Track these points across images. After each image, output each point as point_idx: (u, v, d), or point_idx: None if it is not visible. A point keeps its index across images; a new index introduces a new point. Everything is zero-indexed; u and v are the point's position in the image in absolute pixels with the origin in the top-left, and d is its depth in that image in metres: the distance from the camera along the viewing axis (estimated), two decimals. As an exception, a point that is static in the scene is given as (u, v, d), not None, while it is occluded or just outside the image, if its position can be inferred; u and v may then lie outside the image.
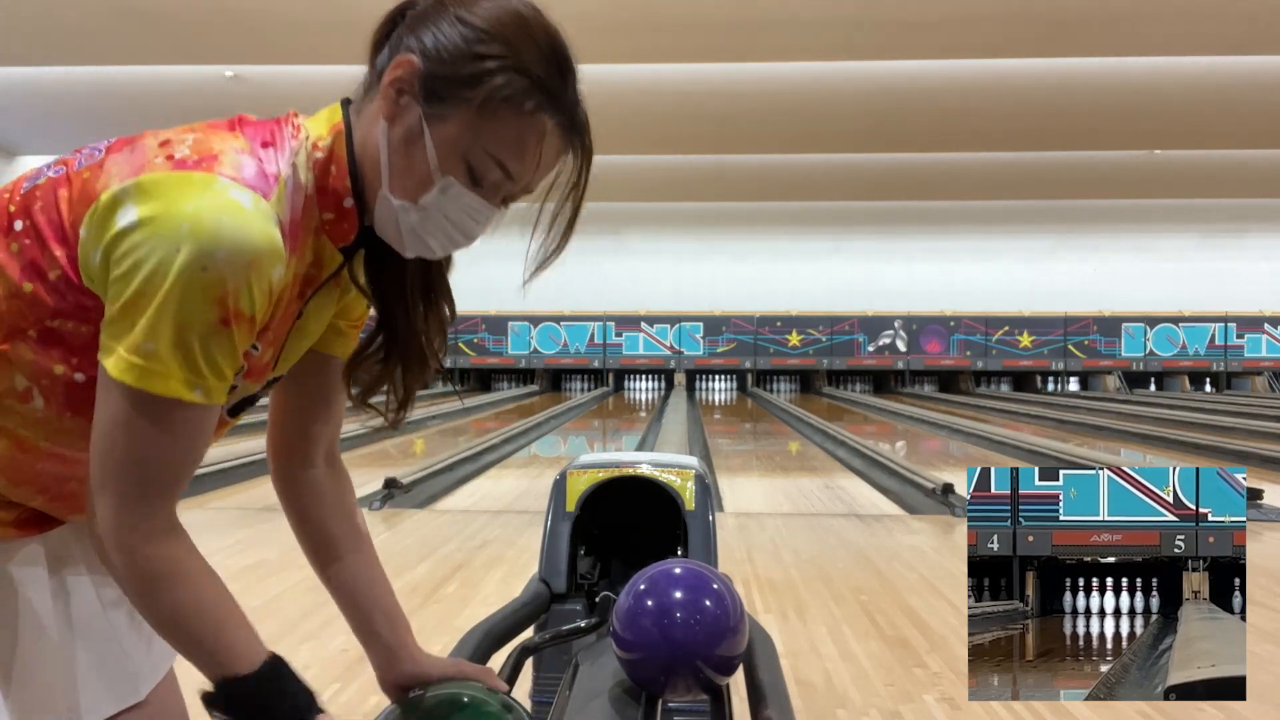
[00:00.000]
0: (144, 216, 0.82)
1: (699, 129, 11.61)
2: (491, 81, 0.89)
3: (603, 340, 18.69)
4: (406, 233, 0.95)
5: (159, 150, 0.86)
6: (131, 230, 0.82)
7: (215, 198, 0.83)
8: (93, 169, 0.87)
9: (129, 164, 0.86)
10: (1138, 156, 13.31)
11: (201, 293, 0.81)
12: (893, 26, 8.46)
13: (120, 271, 0.82)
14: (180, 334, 0.82)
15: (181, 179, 0.83)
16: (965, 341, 18.54)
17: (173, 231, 0.81)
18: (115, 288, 0.83)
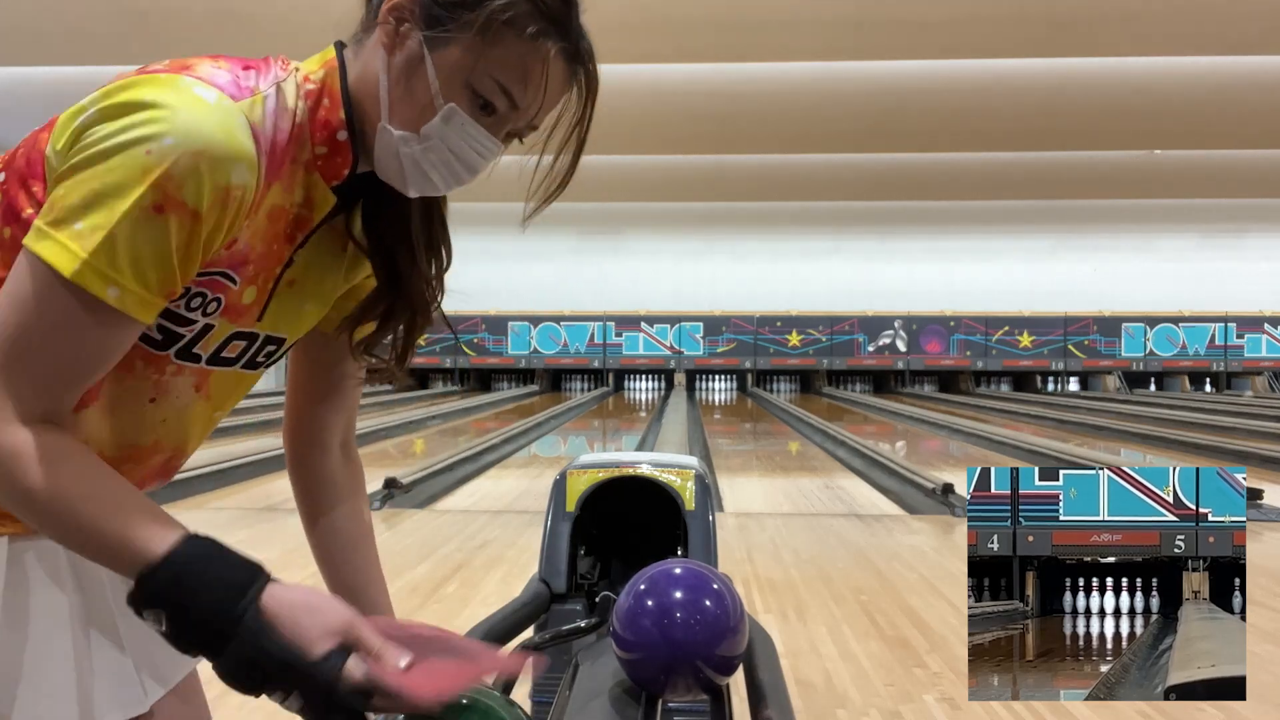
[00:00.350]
0: (101, 109, 0.79)
1: (699, 129, 11.62)
2: (493, 2, 0.86)
3: (603, 340, 18.69)
4: (409, 166, 0.92)
5: (149, 68, 0.84)
6: (89, 123, 0.78)
7: (175, 93, 0.79)
8: (78, 108, 0.85)
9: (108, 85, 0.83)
10: (1138, 156, 13.31)
11: (140, 171, 0.75)
12: (893, 26, 8.47)
13: (70, 162, 0.78)
14: (107, 212, 0.75)
15: (146, 78, 0.81)
16: (965, 341, 18.54)
17: (124, 120, 0.77)
18: (61, 169, 0.78)
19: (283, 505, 5.65)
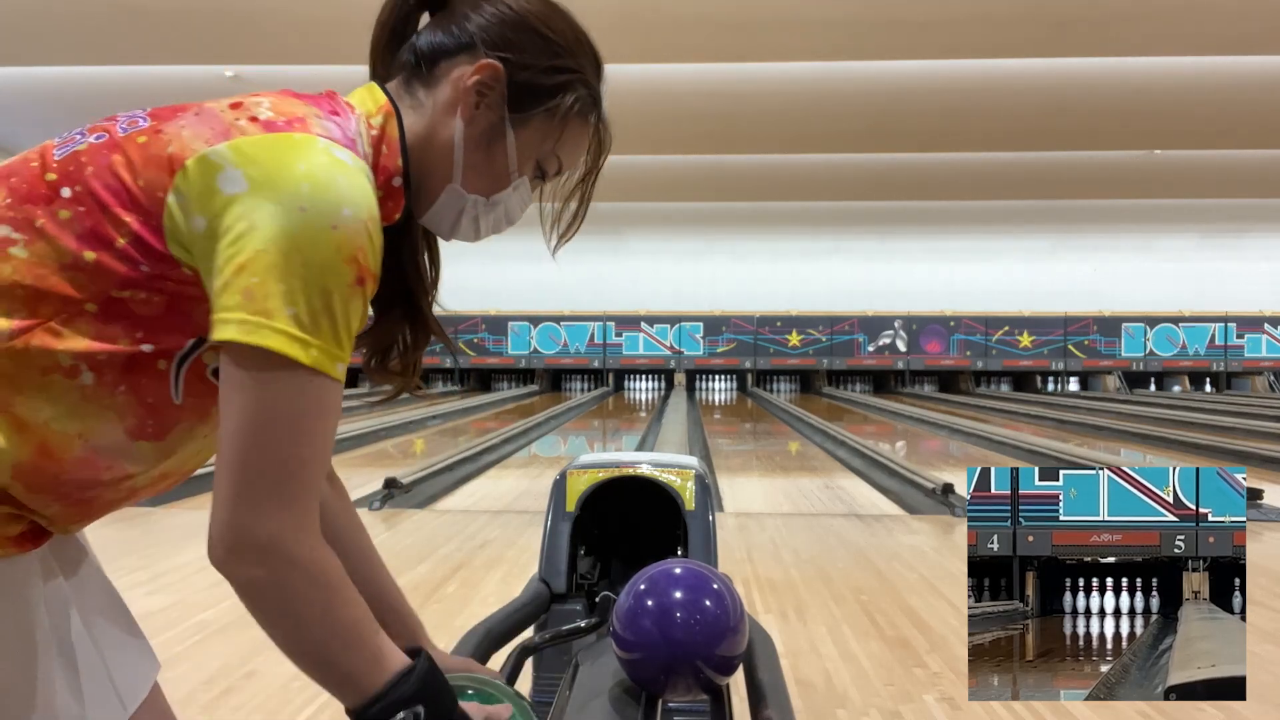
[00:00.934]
0: (254, 178, 0.78)
1: (699, 129, 11.61)
2: (570, 95, 0.97)
3: (603, 340, 18.70)
4: (467, 223, 0.99)
5: (234, 113, 0.84)
6: (243, 194, 0.78)
7: (323, 156, 0.81)
8: (149, 134, 0.83)
9: (205, 127, 0.82)
10: (1138, 156, 13.31)
11: (335, 251, 0.77)
12: (893, 26, 8.46)
13: (234, 236, 0.77)
14: (325, 298, 0.77)
15: (282, 140, 0.81)
16: (965, 341, 18.55)
17: (291, 192, 0.77)
18: (228, 252, 0.77)
19: (283, 505, 5.65)
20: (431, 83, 0.95)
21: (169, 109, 0.88)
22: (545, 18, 0.96)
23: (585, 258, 19.30)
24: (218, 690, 2.62)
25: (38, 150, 0.88)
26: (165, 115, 0.86)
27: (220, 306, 0.77)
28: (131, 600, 1.10)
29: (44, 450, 0.82)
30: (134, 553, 4.21)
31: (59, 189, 0.82)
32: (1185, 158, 13.45)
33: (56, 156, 0.84)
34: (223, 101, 0.87)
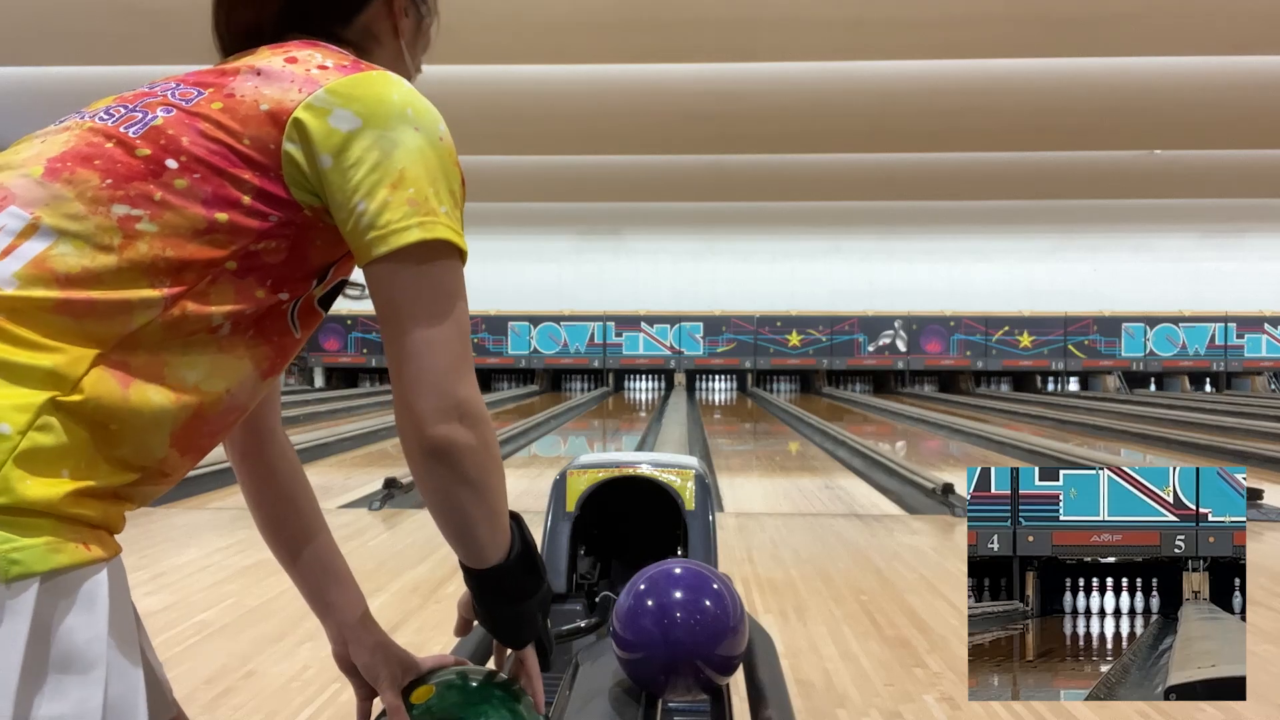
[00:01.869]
0: (363, 114, 0.87)
1: (699, 129, 11.60)
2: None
3: (603, 340, 18.69)
4: None
5: (300, 67, 0.91)
6: (361, 129, 0.87)
7: (402, 85, 0.92)
8: (222, 99, 0.88)
9: (288, 82, 0.89)
10: (1138, 156, 13.30)
11: (449, 156, 0.92)
12: (893, 26, 8.45)
13: (371, 163, 0.86)
14: (454, 196, 0.91)
15: (366, 78, 0.91)
16: (965, 341, 18.54)
17: (402, 117, 0.89)
18: (373, 177, 0.86)
19: (283, 505, 5.65)
20: (354, 29, 1.03)
21: (207, 74, 0.93)
22: None
23: (585, 258, 19.31)
24: (218, 690, 2.62)
25: (88, 131, 0.89)
26: (217, 81, 0.91)
27: (386, 222, 0.86)
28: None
29: (199, 412, 0.87)
30: (134, 553, 4.20)
31: (162, 161, 0.85)
32: (1185, 158, 13.44)
33: (135, 132, 0.87)
34: (272, 59, 0.92)
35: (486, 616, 1.04)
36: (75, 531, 0.77)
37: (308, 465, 7.24)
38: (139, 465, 0.83)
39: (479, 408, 0.91)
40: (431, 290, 0.88)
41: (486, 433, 0.92)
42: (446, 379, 0.89)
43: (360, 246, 0.87)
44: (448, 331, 0.89)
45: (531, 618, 1.02)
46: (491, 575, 1.00)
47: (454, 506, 0.94)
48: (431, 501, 0.94)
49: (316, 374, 18.96)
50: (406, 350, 0.88)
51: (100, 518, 0.80)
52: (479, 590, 1.03)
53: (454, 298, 0.90)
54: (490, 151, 13.09)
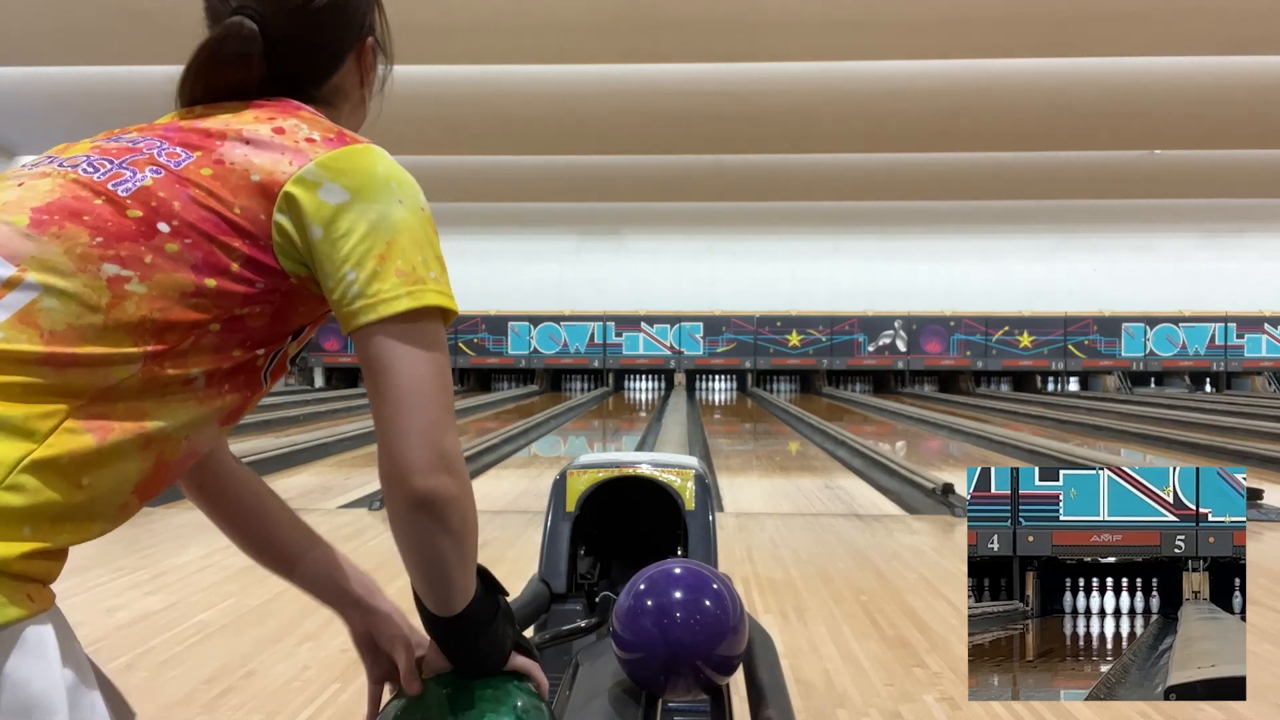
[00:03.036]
0: (353, 187, 0.92)
1: (699, 129, 11.61)
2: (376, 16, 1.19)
3: (603, 340, 18.69)
4: None
5: (294, 134, 0.95)
6: (350, 202, 0.91)
7: (384, 157, 0.97)
8: (211, 165, 0.91)
9: (277, 153, 0.93)
10: (1138, 156, 13.30)
11: (429, 224, 0.97)
12: (893, 26, 8.46)
13: (358, 236, 0.91)
14: (439, 260, 0.96)
15: (355, 152, 0.96)
16: (965, 341, 18.54)
17: (387, 191, 0.94)
18: (358, 250, 0.91)
19: (283, 505, 5.65)
20: (326, 89, 1.09)
21: (190, 134, 0.95)
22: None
23: (585, 258, 19.31)
24: (218, 690, 2.62)
25: (74, 184, 0.89)
26: (204, 144, 0.93)
27: (375, 291, 0.90)
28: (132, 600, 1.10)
29: (160, 460, 0.89)
30: (134, 553, 4.20)
31: (154, 224, 0.88)
32: (1185, 158, 13.45)
33: (123, 193, 0.89)
34: (259, 127, 0.95)
35: (454, 658, 1.04)
36: (19, 587, 0.77)
37: (308, 465, 7.28)
38: (101, 514, 0.85)
39: (461, 458, 0.95)
40: (418, 348, 0.92)
41: (467, 483, 0.95)
42: (434, 430, 0.91)
43: (349, 313, 0.91)
44: (434, 385, 0.92)
45: (497, 645, 1.03)
46: (457, 620, 1.00)
47: (435, 557, 0.95)
48: (412, 551, 0.96)
49: (316, 374, 18.96)
50: (394, 405, 0.91)
51: (44, 573, 0.80)
52: (445, 635, 1.02)
53: (439, 355, 0.94)
54: (490, 151, 13.09)
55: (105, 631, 3.10)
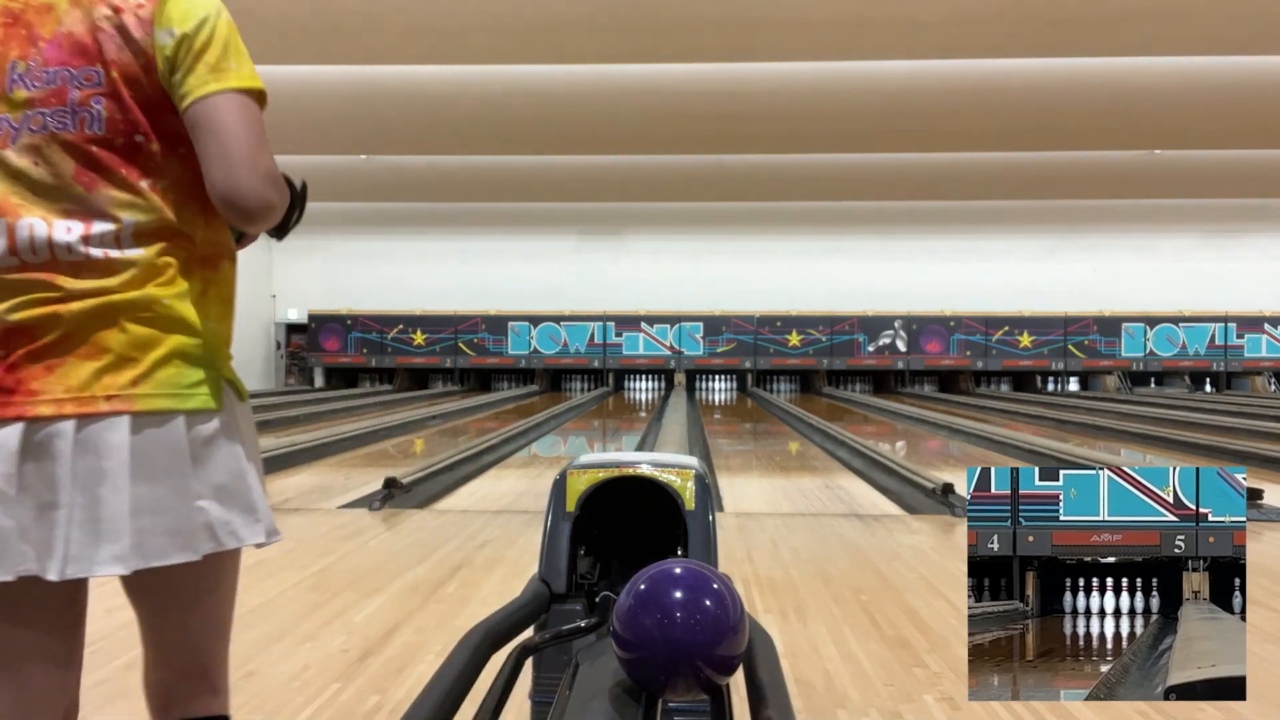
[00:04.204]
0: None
1: (699, 129, 11.60)
2: None
3: (603, 340, 18.69)
4: None
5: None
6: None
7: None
8: None
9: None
10: (1138, 156, 13.30)
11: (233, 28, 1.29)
12: (893, 26, 8.46)
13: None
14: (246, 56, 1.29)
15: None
16: (965, 341, 18.54)
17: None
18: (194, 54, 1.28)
19: (283, 505, 5.65)
20: None
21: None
22: None
23: (585, 258, 19.31)
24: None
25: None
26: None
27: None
28: (131, 600, 1.10)
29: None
30: (134, 553, 4.20)
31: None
32: (1185, 158, 13.45)
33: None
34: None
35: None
36: (235, 387, 1.30)
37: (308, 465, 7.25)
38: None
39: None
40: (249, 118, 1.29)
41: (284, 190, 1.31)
42: (263, 161, 1.25)
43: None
44: (264, 145, 1.25)
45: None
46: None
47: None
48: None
49: (316, 374, 18.95)
50: (251, 156, 1.24)
51: (238, 382, 1.34)
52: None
53: (255, 116, 1.29)
54: (490, 151, 13.09)
55: (105, 631, 3.10)
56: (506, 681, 1.15)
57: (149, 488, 1.14)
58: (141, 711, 1.50)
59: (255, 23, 8.19)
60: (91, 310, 1.15)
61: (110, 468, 1.12)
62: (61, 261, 1.16)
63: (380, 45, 8.60)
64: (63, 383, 1.13)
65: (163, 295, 1.18)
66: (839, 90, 10.30)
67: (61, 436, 1.12)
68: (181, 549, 1.16)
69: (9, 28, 1.19)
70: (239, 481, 1.23)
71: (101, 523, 1.12)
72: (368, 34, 8.33)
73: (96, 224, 1.16)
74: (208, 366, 1.23)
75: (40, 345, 1.14)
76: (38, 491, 1.12)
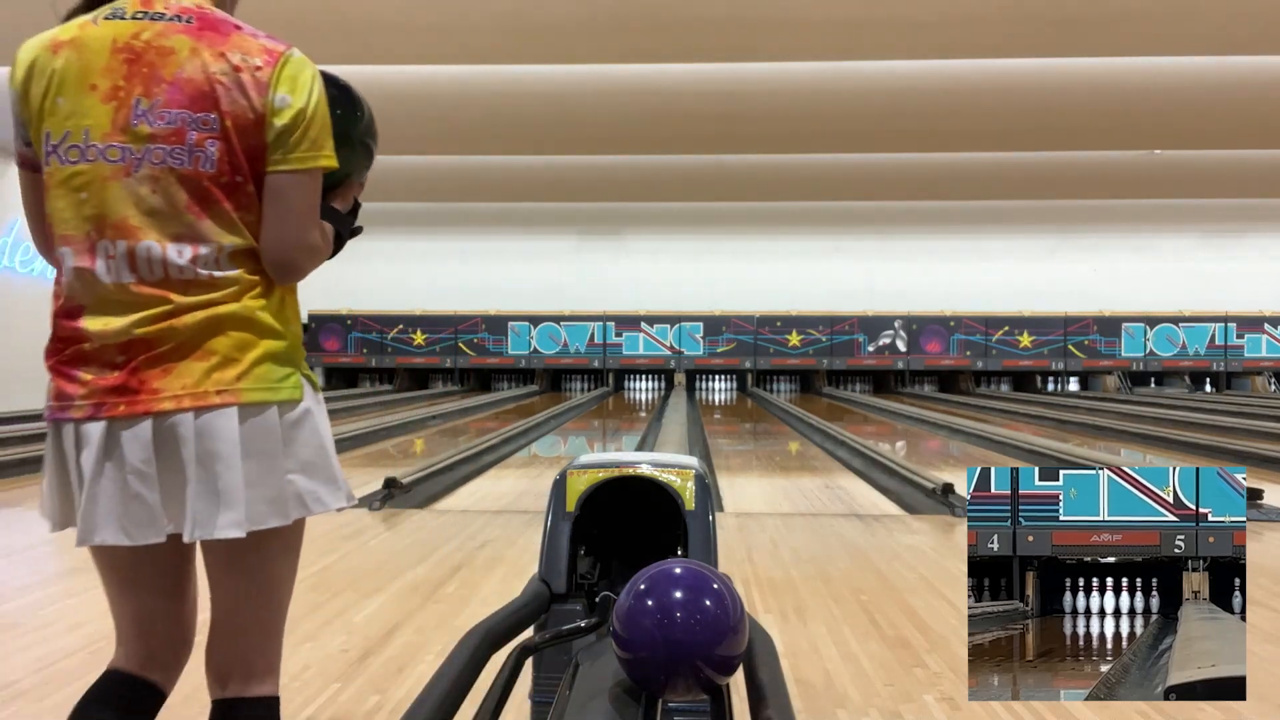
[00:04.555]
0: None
1: (699, 129, 11.60)
2: None
3: (603, 340, 18.69)
4: None
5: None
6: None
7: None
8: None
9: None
10: (1138, 156, 13.30)
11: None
12: (893, 26, 8.45)
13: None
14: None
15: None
16: (965, 341, 18.54)
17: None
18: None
19: (283, 505, 5.64)
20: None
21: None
22: None
23: (585, 258, 19.31)
24: (218, 690, 2.61)
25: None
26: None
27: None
28: (132, 600, 1.09)
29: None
30: (134, 553, 4.20)
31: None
32: (1185, 158, 13.45)
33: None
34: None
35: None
36: (311, 381, 1.55)
37: (308, 465, 7.08)
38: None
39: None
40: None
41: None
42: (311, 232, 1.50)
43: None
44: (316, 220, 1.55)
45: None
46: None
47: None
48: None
49: (317, 374, 18.94)
50: (306, 228, 1.49)
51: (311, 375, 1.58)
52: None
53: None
54: (490, 151, 13.09)
55: (105, 631, 3.10)
56: (506, 681, 1.15)
57: (253, 465, 1.38)
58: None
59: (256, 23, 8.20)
60: (201, 321, 1.38)
61: (224, 450, 1.37)
62: (174, 279, 1.38)
63: (380, 45, 8.60)
64: (179, 381, 1.37)
65: (255, 307, 1.42)
66: (839, 90, 10.30)
67: (184, 425, 1.36)
68: (277, 515, 1.41)
69: (132, 64, 1.37)
70: (322, 458, 1.47)
71: (220, 495, 1.36)
72: (368, 34, 8.33)
73: (202, 247, 1.39)
74: (291, 364, 1.47)
75: (158, 353, 1.37)
76: (171, 471, 1.37)
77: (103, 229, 1.37)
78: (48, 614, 3.33)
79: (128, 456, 1.35)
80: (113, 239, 1.37)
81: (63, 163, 1.38)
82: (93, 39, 1.41)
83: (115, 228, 1.37)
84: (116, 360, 1.37)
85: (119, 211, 1.37)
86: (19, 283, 12.81)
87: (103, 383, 1.37)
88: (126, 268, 1.37)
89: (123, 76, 1.37)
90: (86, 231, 1.38)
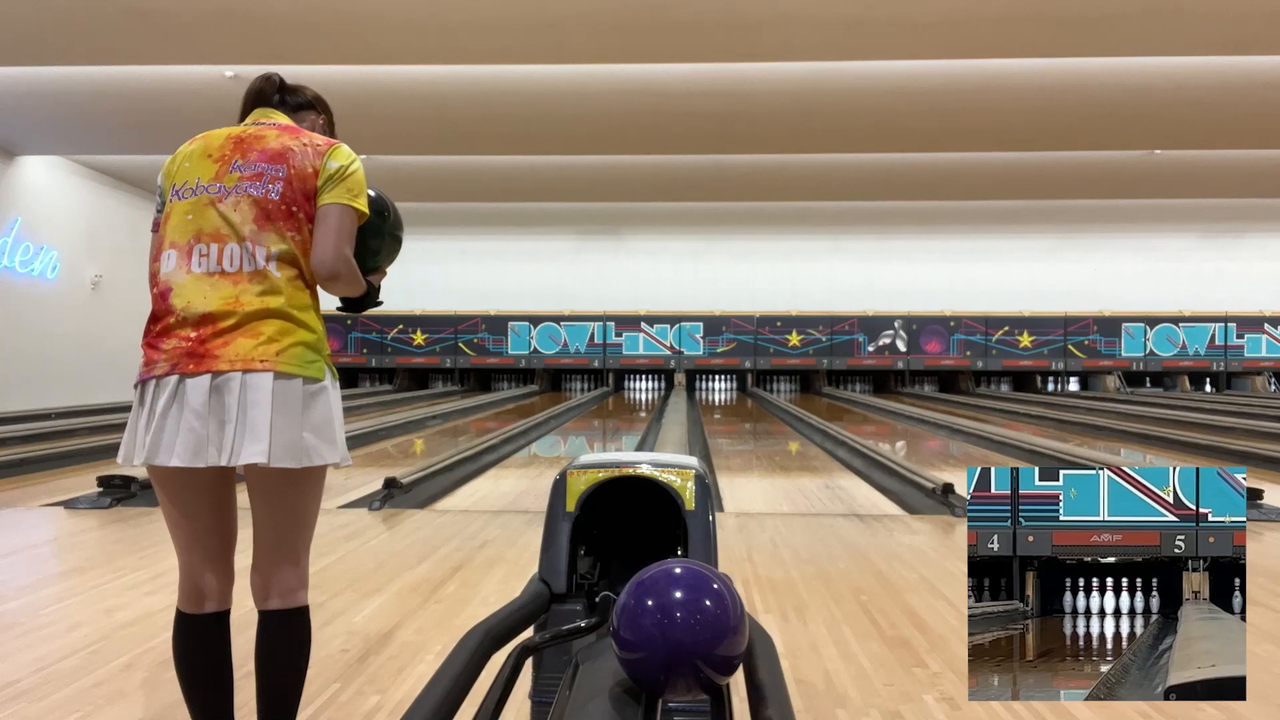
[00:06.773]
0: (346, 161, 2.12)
1: (699, 129, 11.61)
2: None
3: (603, 340, 18.69)
4: None
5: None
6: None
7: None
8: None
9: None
10: (1138, 156, 13.30)
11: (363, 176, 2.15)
12: (893, 26, 8.46)
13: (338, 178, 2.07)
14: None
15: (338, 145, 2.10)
16: (965, 341, 18.55)
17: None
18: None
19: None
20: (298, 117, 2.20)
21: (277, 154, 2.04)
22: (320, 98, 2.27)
23: (585, 258, 19.32)
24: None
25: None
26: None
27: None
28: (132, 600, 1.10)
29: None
30: (134, 553, 4.21)
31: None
32: (1185, 158, 13.45)
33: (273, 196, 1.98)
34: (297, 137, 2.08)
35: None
36: (332, 366, 2.03)
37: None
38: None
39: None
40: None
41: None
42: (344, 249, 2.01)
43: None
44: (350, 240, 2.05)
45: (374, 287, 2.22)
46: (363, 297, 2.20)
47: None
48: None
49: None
50: (338, 247, 2.01)
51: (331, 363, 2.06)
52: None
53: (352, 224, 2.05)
54: (490, 151, 13.09)
55: (105, 631, 3.10)
56: (506, 681, 1.15)
57: (279, 418, 1.86)
58: (142, 710, 1.50)
59: (256, 24, 8.21)
60: (257, 309, 1.89)
61: (259, 400, 1.85)
62: (244, 273, 1.91)
63: (380, 45, 8.61)
64: (235, 350, 1.86)
65: (296, 303, 1.94)
66: (839, 90, 10.30)
67: (233, 381, 1.85)
68: (291, 458, 1.86)
69: (237, 144, 2.00)
70: (328, 425, 1.94)
71: (251, 431, 1.83)
72: (368, 34, 8.33)
73: (260, 251, 1.92)
74: (317, 353, 1.96)
75: (221, 328, 1.87)
76: (218, 414, 1.84)
77: (200, 236, 1.93)
78: (48, 614, 3.33)
79: (190, 401, 1.84)
80: (206, 243, 1.92)
81: (180, 199, 1.98)
82: (216, 134, 2.05)
83: (209, 236, 1.92)
84: (191, 335, 1.87)
85: (212, 224, 1.93)
86: (19, 283, 12.82)
87: (180, 350, 1.87)
88: (214, 261, 1.91)
89: (229, 150, 2.00)
90: (188, 239, 1.93)
